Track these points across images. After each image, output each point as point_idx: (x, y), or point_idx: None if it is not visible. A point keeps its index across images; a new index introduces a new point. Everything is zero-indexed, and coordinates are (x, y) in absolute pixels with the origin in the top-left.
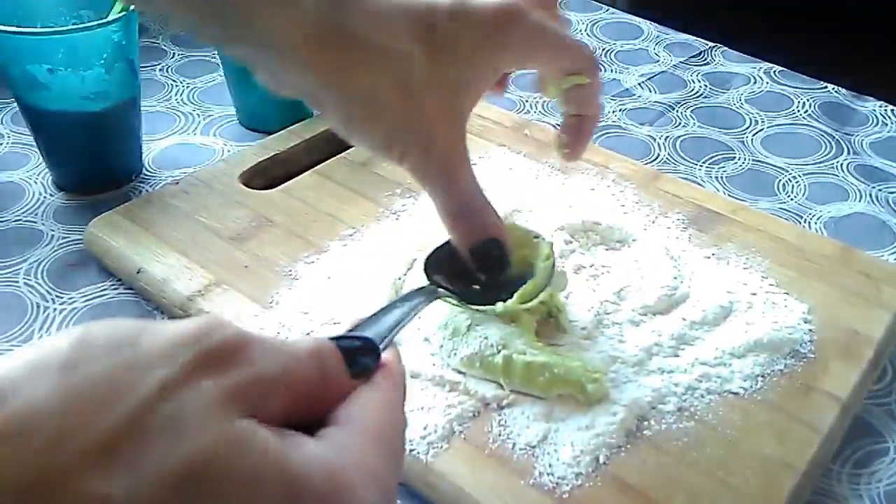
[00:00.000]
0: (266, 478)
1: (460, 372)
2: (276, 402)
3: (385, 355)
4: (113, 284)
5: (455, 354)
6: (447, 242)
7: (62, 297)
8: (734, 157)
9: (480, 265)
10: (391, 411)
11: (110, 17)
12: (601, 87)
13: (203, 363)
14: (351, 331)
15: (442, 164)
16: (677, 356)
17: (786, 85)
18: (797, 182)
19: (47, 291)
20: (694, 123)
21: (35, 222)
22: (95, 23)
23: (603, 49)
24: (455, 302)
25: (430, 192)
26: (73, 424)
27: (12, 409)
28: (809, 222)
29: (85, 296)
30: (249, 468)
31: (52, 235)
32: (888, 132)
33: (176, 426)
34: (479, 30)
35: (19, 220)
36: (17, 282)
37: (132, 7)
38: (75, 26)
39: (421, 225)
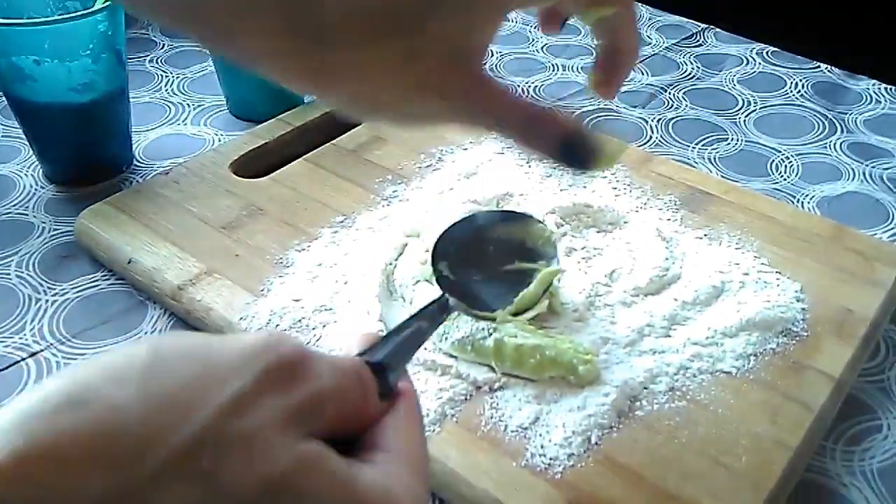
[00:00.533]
0: (335, 500)
1: (452, 356)
2: (329, 417)
3: (400, 385)
4: (104, 275)
5: (446, 338)
6: (448, 230)
7: (54, 289)
8: (727, 139)
9: (569, 164)
10: (419, 436)
11: (96, 8)
12: (635, 17)
13: (272, 376)
14: (364, 353)
15: (466, 107)
16: (669, 336)
17: (778, 65)
18: (790, 162)
19: (39, 283)
20: (686, 105)
21: (26, 214)
22: (80, 13)
23: None
24: (463, 312)
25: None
26: (154, 433)
27: (95, 414)
28: (803, 202)
29: (76, 287)
30: (319, 490)
31: (44, 227)
32: (882, 109)
33: (250, 443)
34: None
35: (10, 212)
36: (9, 274)
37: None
38: (61, 17)
39: (412, 211)
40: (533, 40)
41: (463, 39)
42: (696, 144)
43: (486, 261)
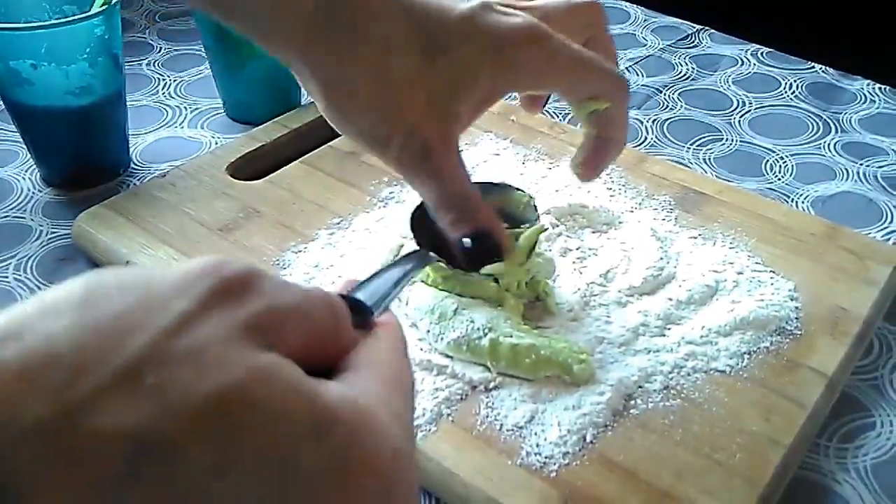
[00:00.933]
0: (295, 409)
1: (448, 356)
2: (292, 336)
3: (381, 318)
4: None
5: (442, 339)
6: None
7: None
8: (722, 139)
9: (472, 257)
10: (399, 358)
11: (92, 12)
12: (626, 111)
13: (218, 295)
14: (346, 294)
15: (424, 157)
16: (664, 335)
17: (773, 66)
18: (784, 162)
19: (36, 286)
20: (681, 106)
21: (24, 218)
22: (77, 17)
23: None
24: (444, 266)
25: (416, 186)
26: (92, 357)
27: (28, 344)
28: (797, 202)
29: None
30: (278, 399)
31: (41, 231)
32: (877, 108)
33: (198, 357)
34: (488, 44)
35: (8, 216)
36: (7, 277)
37: None
38: (57, 21)
39: (408, 212)
40: None
41: (455, 98)
42: (690, 145)
43: None
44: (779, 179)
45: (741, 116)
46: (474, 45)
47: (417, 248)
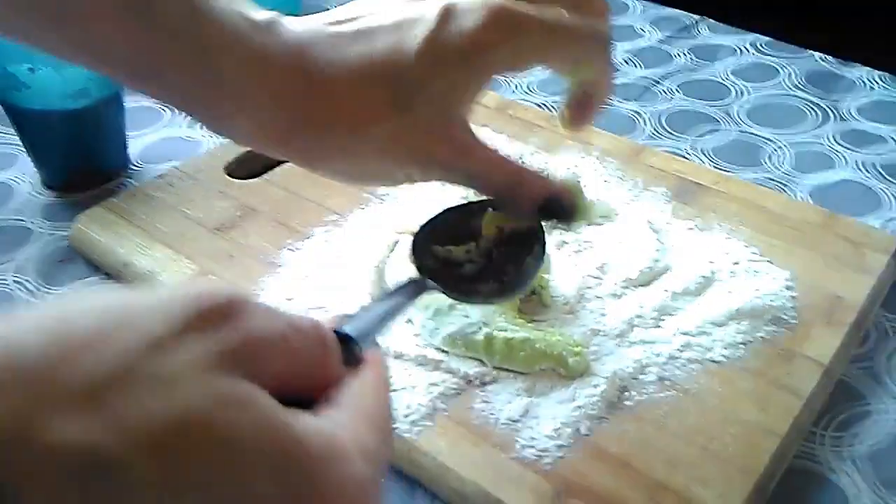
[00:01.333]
0: (263, 439)
1: (443, 351)
2: (272, 366)
3: (369, 354)
4: (101, 279)
5: (437, 333)
6: (429, 222)
7: (51, 293)
8: (720, 129)
9: (551, 223)
10: (380, 398)
11: None
12: (611, 69)
13: (196, 321)
14: (336, 329)
15: (447, 172)
16: (659, 327)
17: (772, 55)
18: (783, 152)
19: (36, 288)
20: (680, 97)
21: (23, 220)
22: None
23: None
24: (442, 292)
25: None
26: (56, 369)
27: None
28: (795, 191)
29: (73, 291)
30: (247, 429)
31: (41, 233)
32: (876, 96)
33: (166, 381)
34: (457, 64)
35: (7, 219)
36: (6, 280)
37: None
38: None
39: (404, 208)
40: None
41: (445, 116)
42: (689, 136)
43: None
44: (777, 169)
45: (739, 106)
46: (443, 75)
47: (416, 275)
